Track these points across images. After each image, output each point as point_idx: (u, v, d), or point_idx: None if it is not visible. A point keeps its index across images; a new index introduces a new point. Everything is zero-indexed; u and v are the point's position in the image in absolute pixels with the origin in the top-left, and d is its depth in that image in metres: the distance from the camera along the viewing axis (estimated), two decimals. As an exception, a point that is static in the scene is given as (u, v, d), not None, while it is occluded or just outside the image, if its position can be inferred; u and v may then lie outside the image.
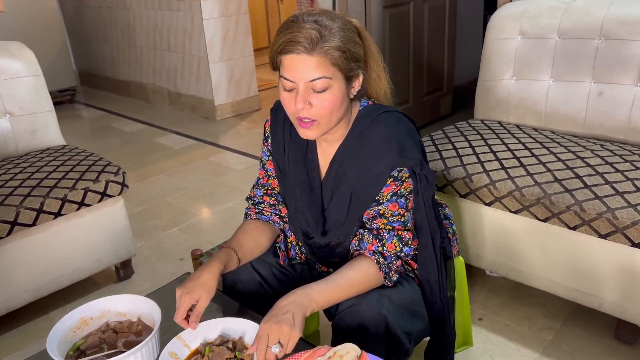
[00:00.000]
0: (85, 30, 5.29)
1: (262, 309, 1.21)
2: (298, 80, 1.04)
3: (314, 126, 1.09)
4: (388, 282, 1.16)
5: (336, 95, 1.07)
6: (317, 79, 1.04)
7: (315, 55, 1.02)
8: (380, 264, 1.14)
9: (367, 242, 1.16)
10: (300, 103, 1.05)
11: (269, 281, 1.30)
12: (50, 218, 1.85)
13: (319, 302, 1.06)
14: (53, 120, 2.31)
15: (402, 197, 1.13)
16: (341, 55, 1.05)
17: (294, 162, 1.24)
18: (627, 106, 1.87)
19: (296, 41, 1.02)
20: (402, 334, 1.13)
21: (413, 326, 1.18)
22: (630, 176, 1.58)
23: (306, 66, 1.03)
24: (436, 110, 3.77)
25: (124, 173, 2.04)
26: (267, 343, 0.97)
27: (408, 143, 1.13)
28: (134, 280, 2.21)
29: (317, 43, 1.02)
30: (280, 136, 1.26)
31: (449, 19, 3.60)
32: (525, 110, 2.09)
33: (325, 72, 1.04)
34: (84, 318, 1.13)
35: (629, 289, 1.53)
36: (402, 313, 1.14)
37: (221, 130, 4.03)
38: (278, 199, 1.31)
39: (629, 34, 1.85)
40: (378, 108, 1.18)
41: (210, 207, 2.81)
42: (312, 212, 1.23)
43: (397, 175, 1.12)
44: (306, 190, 1.23)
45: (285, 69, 1.05)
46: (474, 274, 2.02)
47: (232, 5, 4.08)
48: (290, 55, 1.04)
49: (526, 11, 2.10)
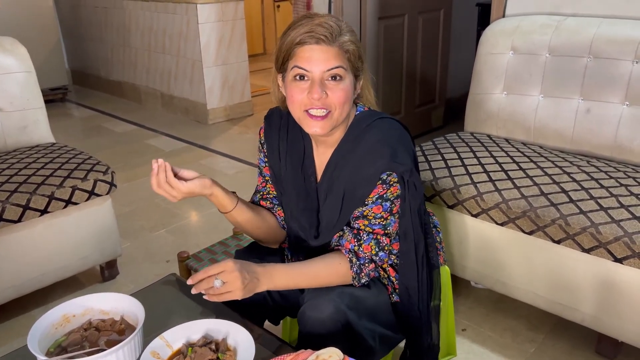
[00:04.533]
0: (80, 30, 5.28)
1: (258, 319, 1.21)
2: (315, 69, 1.08)
3: (327, 119, 1.10)
4: (356, 283, 1.18)
5: (348, 87, 1.11)
6: (335, 68, 1.08)
7: (335, 46, 1.08)
8: (352, 263, 1.16)
9: (345, 239, 1.19)
10: (317, 93, 1.08)
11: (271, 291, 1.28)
12: (37, 215, 1.83)
13: (277, 284, 1.12)
14: (43, 117, 2.30)
15: (387, 201, 1.15)
16: (355, 49, 1.11)
17: (291, 168, 1.25)
18: (613, 124, 1.90)
19: (318, 32, 1.07)
20: (366, 331, 1.14)
21: (375, 327, 1.18)
22: (615, 192, 1.60)
23: (325, 56, 1.07)
24: (427, 122, 3.80)
25: (113, 172, 2.04)
26: (216, 275, 1.04)
27: (400, 149, 1.15)
28: (118, 280, 2.20)
29: (338, 35, 1.08)
30: (275, 143, 1.26)
31: (442, 32, 3.64)
32: (515, 124, 2.12)
33: (341, 62, 1.09)
34: (66, 315, 1.12)
35: (610, 304, 1.55)
36: (362, 312, 1.15)
37: (213, 134, 4.03)
38: (274, 202, 1.32)
39: (618, 54, 1.89)
40: (374, 114, 1.20)
41: (198, 210, 2.80)
42: (307, 217, 1.24)
43: (385, 178, 1.13)
44: (302, 195, 1.24)
45: (302, 59, 1.08)
46: (458, 285, 2.03)
47: (229, 10, 4.10)
48: (309, 46, 1.08)
49: (518, 27, 2.14)
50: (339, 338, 1.09)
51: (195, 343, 1.06)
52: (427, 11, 3.48)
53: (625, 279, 1.50)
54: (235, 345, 1.05)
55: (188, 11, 4.01)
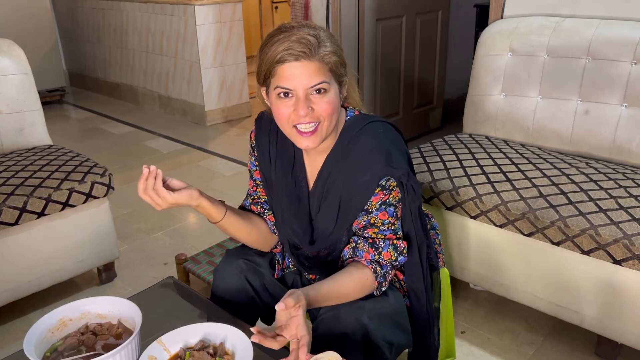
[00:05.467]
0: (77, 31, 5.26)
1: (250, 320, 1.20)
2: (298, 88, 1.05)
3: (316, 133, 1.08)
4: (377, 292, 1.16)
5: (334, 98, 1.08)
6: (319, 84, 1.05)
7: (315, 60, 1.04)
8: (377, 273, 1.14)
9: (362, 250, 1.15)
10: (303, 109, 1.05)
11: (259, 292, 1.28)
12: (34, 218, 1.82)
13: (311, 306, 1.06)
14: (40, 119, 2.29)
15: (391, 206, 1.14)
16: (337, 60, 1.07)
17: (282, 173, 1.23)
18: (612, 125, 1.90)
19: (297, 49, 1.02)
20: (383, 343, 1.12)
21: (395, 336, 1.17)
22: (614, 194, 1.60)
23: (307, 72, 1.03)
24: (426, 124, 3.80)
25: (110, 175, 2.03)
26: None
27: (395, 153, 1.13)
28: (116, 283, 2.19)
29: (317, 47, 1.04)
30: (265, 147, 1.25)
31: (440, 34, 3.64)
32: (513, 125, 2.12)
33: (324, 76, 1.05)
34: (62, 319, 1.11)
35: (610, 306, 1.54)
36: (382, 322, 1.13)
37: (211, 136, 4.02)
38: (264, 207, 1.30)
39: (616, 55, 1.88)
40: (365, 118, 1.19)
41: (196, 212, 2.76)
42: (299, 223, 1.22)
43: (384, 184, 1.12)
44: (294, 201, 1.22)
45: (283, 78, 1.05)
46: (457, 287, 2.03)
47: (227, 11, 4.09)
48: (289, 64, 1.03)
49: (516, 29, 2.13)
50: (356, 352, 1.08)
51: (193, 347, 1.05)
52: (425, 12, 3.47)
53: (625, 280, 1.49)
54: (233, 349, 1.04)
55: (186, 12, 4.00)
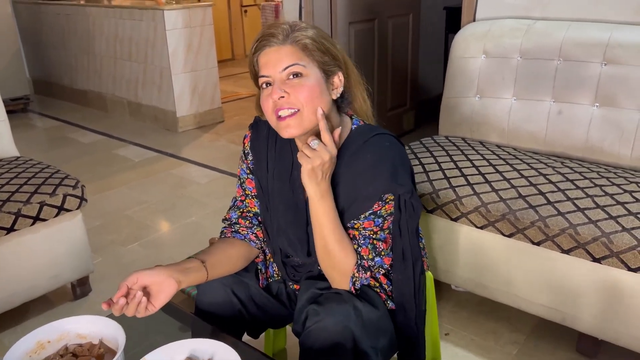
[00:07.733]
0: (41, 37, 5.11)
1: (235, 334, 1.17)
2: (273, 73, 1.06)
3: (295, 117, 1.05)
4: (352, 286, 1.14)
5: (313, 83, 1.06)
6: (290, 66, 1.05)
7: (287, 43, 1.06)
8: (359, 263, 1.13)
9: None
10: (276, 93, 1.05)
11: (246, 304, 1.25)
12: (3, 233, 1.75)
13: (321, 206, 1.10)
14: (6, 129, 2.21)
15: (380, 217, 1.12)
16: (313, 43, 1.07)
17: (279, 180, 1.21)
18: (584, 125, 1.94)
19: (267, 34, 1.06)
20: (370, 349, 1.11)
21: (379, 341, 1.16)
22: (590, 193, 1.63)
23: (278, 56, 1.05)
24: (399, 126, 3.82)
25: (83, 186, 1.96)
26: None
27: (400, 169, 1.12)
28: (91, 298, 2.12)
29: (290, 32, 1.07)
30: (263, 153, 1.22)
31: (412, 36, 3.67)
32: (489, 127, 2.14)
33: (297, 59, 1.06)
34: (40, 341, 1.06)
35: (590, 303, 1.57)
36: (367, 327, 1.12)
37: (183, 142, 3.96)
38: (253, 222, 1.27)
39: (587, 56, 1.93)
40: (372, 129, 1.17)
41: (171, 221, 2.74)
42: (296, 232, 1.20)
43: (383, 197, 1.11)
44: (290, 208, 1.20)
45: (261, 66, 1.07)
46: (440, 289, 2.03)
47: (197, 16, 4.04)
48: (263, 51, 1.07)
49: (489, 31, 2.16)
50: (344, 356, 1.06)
51: (180, 365, 1.02)
52: (397, 16, 3.50)
53: (604, 279, 1.52)
54: None
55: (155, 17, 3.93)
